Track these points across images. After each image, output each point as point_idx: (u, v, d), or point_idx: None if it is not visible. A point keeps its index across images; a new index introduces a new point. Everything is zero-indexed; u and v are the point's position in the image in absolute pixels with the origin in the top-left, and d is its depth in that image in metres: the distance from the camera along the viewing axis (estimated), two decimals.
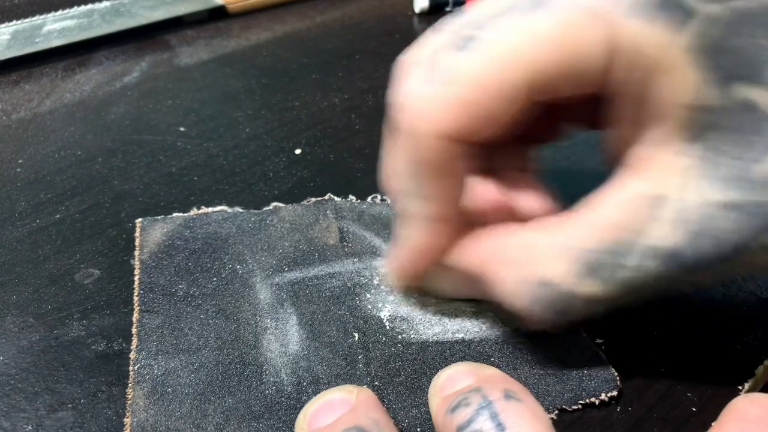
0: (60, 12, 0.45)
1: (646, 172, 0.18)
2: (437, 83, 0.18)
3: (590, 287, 0.18)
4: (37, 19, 0.44)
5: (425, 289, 0.24)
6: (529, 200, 0.22)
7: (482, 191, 0.21)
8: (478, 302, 0.23)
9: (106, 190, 0.30)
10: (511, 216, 0.21)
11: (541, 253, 0.19)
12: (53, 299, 0.24)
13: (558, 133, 0.24)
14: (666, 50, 0.16)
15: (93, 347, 0.23)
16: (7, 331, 0.23)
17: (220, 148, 0.33)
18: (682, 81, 0.16)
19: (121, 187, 0.30)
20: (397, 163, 0.20)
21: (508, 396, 0.17)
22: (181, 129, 0.34)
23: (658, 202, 0.17)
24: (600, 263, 0.18)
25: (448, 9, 0.48)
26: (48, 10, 0.45)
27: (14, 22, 0.44)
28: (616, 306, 0.19)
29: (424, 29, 0.46)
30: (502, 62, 0.18)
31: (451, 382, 0.19)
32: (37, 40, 0.42)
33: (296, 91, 0.38)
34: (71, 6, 0.46)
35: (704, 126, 0.17)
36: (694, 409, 0.21)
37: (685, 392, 0.21)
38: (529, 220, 0.21)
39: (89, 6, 0.46)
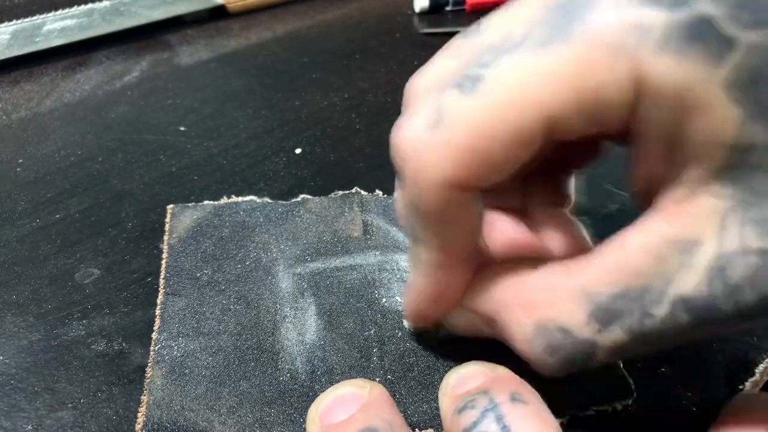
0: (60, 11, 0.45)
1: (677, 216, 0.16)
2: (441, 130, 0.16)
3: (612, 336, 0.17)
4: (37, 19, 0.44)
5: (443, 328, 0.22)
6: (556, 239, 0.20)
7: (504, 229, 0.20)
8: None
9: (106, 189, 0.30)
10: (538, 255, 0.20)
11: (560, 298, 0.17)
12: (53, 299, 0.24)
13: (593, 156, 0.22)
14: (702, 88, 0.14)
15: (93, 347, 0.23)
16: (7, 331, 0.23)
17: (220, 148, 0.33)
18: (722, 119, 0.14)
19: (121, 187, 0.30)
20: (402, 207, 0.19)
21: (514, 398, 0.17)
22: (182, 128, 0.34)
23: (691, 248, 0.15)
24: (621, 310, 0.16)
25: (448, 8, 0.48)
26: (48, 10, 0.45)
27: (14, 21, 0.44)
28: (642, 355, 0.18)
29: (424, 29, 0.46)
30: (510, 108, 0.16)
31: (462, 381, 0.19)
32: (37, 39, 0.42)
33: (296, 91, 0.38)
34: (71, 5, 0.46)
35: (746, 166, 0.15)
36: (694, 409, 0.21)
37: (685, 392, 0.21)
38: (554, 261, 0.19)
39: (89, 5, 0.46)
